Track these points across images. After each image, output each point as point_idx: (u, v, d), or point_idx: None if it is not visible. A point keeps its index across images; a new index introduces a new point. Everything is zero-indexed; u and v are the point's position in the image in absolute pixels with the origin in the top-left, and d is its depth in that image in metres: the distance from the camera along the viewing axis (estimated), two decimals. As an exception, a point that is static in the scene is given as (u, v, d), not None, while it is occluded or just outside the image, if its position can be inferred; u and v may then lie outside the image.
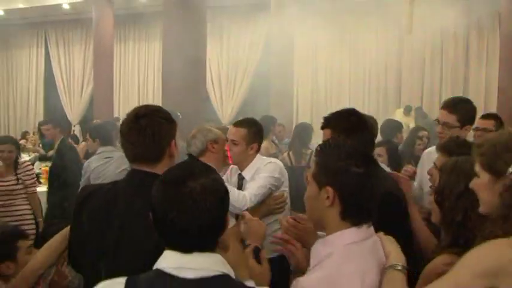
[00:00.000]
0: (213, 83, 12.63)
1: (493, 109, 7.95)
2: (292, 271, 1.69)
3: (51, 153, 8.24)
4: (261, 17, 10.63)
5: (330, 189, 1.36)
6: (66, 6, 12.54)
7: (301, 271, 1.51)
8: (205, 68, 7.08)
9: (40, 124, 9.30)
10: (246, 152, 2.77)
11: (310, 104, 11.71)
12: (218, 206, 1.24)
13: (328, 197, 1.37)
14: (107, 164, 4.18)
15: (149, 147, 1.68)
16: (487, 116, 3.33)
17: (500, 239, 1.25)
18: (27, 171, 4.31)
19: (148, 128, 1.68)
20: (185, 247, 1.22)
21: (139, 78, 13.76)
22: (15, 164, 4.23)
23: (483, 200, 1.39)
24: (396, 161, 3.67)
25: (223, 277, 1.22)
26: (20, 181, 4.21)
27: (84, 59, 14.10)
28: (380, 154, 3.67)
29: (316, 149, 1.49)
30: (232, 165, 2.92)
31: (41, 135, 8.85)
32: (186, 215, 1.19)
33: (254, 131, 2.82)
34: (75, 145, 9.58)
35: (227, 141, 2.77)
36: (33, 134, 10.54)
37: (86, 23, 12.81)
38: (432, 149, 3.10)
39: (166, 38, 6.91)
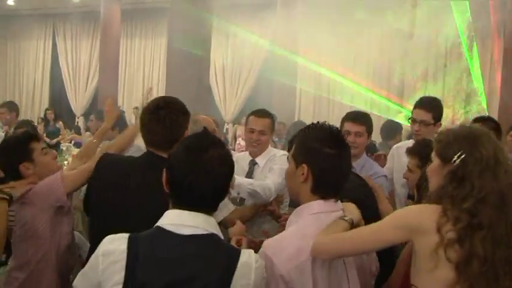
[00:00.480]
0: (217, 81, 12.71)
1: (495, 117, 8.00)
2: None
3: (55, 141, 8.38)
4: (267, 16, 10.69)
5: (304, 166, 1.55)
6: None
7: None
8: (209, 65, 7.13)
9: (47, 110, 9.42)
10: (269, 141, 2.99)
11: (312, 102, 11.76)
12: (229, 173, 1.45)
13: (303, 174, 1.55)
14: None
15: (165, 135, 1.92)
16: (481, 120, 3.30)
17: (424, 206, 1.48)
18: None
19: (166, 119, 1.93)
20: (195, 206, 1.40)
21: (144, 73, 13.84)
22: None
23: (432, 183, 1.55)
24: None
25: (213, 236, 1.41)
26: None
27: (90, 52, 14.23)
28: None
29: (298, 131, 1.65)
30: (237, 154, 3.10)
31: (46, 124, 8.96)
32: (204, 178, 1.38)
33: (273, 120, 3.05)
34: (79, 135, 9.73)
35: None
36: (38, 123, 10.61)
37: (94, 16, 12.91)
38: (403, 143, 3.27)
39: (171, 34, 6.97)
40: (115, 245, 1.38)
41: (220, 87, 12.73)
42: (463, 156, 1.44)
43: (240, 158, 3.01)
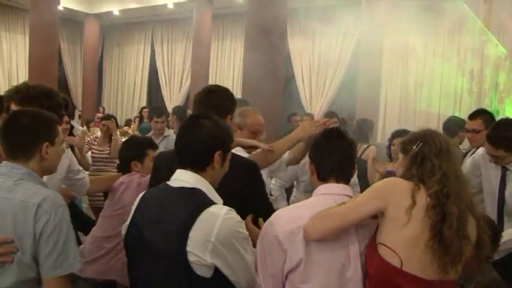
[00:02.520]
0: (303, 80, 12.88)
1: None
2: None
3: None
4: (352, 19, 10.64)
5: (311, 161, 1.91)
6: (170, 6, 13.54)
7: None
8: (283, 65, 7.25)
9: (143, 108, 10.24)
10: None
11: (398, 109, 11.39)
12: (209, 140, 1.71)
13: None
14: None
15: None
16: (473, 116, 3.51)
17: (403, 180, 1.73)
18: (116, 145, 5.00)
19: (214, 101, 2.17)
20: (183, 164, 1.72)
21: (234, 73, 14.38)
22: (110, 137, 5.03)
23: (398, 174, 1.85)
24: None
25: (195, 189, 1.67)
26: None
27: (184, 55, 15.10)
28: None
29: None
30: None
31: (141, 120, 9.73)
32: (189, 142, 1.71)
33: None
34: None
35: None
36: (134, 121, 11.55)
37: (187, 21, 13.70)
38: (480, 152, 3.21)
39: (247, 32, 7.20)
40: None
41: (306, 86, 12.85)
42: (420, 144, 1.75)
43: None
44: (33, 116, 1.79)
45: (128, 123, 12.09)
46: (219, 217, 1.57)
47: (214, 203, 1.63)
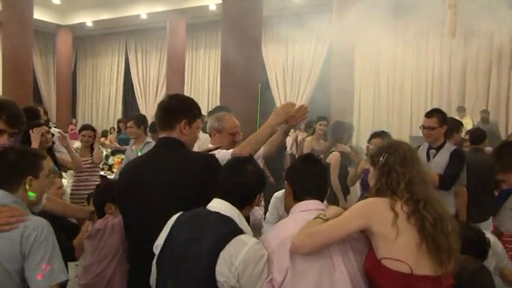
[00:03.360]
0: (278, 87, 13.08)
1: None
2: None
3: (125, 147, 9.08)
4: (324, 25, 10.91)
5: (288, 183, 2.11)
6: (144, 16, 13.59)
7: None
8: (259, 72, 7.42)
9: (119, 121, 10.24)
10: None
11: (371, 110, 11.72)
12: (251, 183, 1.97)
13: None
14: None
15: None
16: (429, 114, 3.83)
17: (380, 198, 1.89)
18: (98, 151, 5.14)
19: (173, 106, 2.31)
20: (225, 198, 1.93)
21: (209, 82, 14.49)
22: (91, 147, 5.08)
23: (371, 185, 2.02)
24: None
25: (228, 217, 1.88)
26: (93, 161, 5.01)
27: (159, 65, 15.16)
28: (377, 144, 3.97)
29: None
30: None
31: (119, 131, 9.73)
32: (235, 181, 1.94)
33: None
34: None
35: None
36: (111, 132, 11.53)
37: (161, 31, 13.78)
38: None
39: (224, 41, 7.33)
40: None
41: (281, 92, 13.05)
42: (385, 155, 1.93)
43: None
44: (19, 153, 1.99)
45: (105, 134, 12.06)
46: (247, 245, 1.78)
47: (240, 229, 1.86)
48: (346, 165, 4.94)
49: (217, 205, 1.91)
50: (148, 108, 15.25)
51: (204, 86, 14.57)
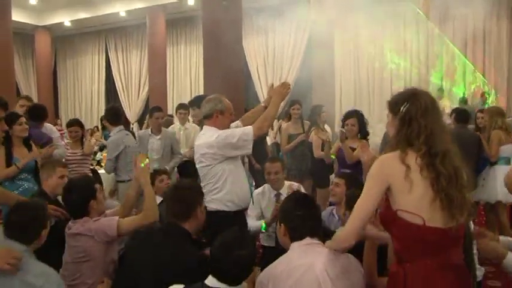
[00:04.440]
0: (259, 79, 13.20)
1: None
2: None
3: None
4: (303, 13, 11.07)
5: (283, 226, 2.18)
6: (123, 14, 13.55)
7: None
8: (241, 62, 7.56)
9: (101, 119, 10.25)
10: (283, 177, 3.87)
11: (353, 95, 11.95)
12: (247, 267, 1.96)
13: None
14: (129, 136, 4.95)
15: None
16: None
17: (388, 154, 1.89)
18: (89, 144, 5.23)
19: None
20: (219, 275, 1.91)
21: (191, 77, 14.54)
22: (81, 141, 5.17)
23: (390, 133, 2.02)
24: (365, 128, 4.63)
25: None
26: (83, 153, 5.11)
27: (140, 62, 15.14)
28: (353, 124, 4.31)
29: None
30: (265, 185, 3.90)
31: (103, 128, 9.75)
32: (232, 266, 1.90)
33: (283, 162, 4.06)
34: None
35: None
36: (97, 130, 11.53)
37: (141, 28, 13.77)
38: None
39: (205, 34, 7.42)
40: None
41: (263, 82, 13.16)
42: (407, 105, 1.85)
43: (266, 190, 3.87)
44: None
45: (91, 132, 12.03)
46: None
47: None
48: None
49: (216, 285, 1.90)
50: (131, 105, 15.24)
51: (186, 81, 14.62)
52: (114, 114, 4.97)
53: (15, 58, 15.28)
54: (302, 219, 2.10)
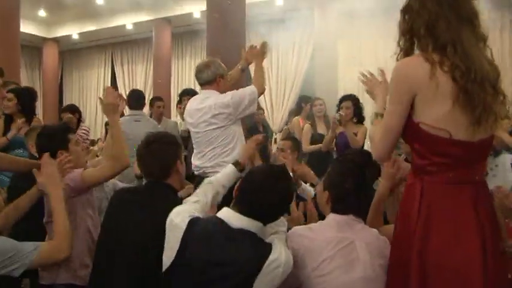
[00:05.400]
0: (264, 94, 13.17)
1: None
2: None
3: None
4: (306, 31, 11.13)
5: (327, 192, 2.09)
6: (129, 27, 13.71)
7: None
8: (245, 74, 7.60)
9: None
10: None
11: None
12: (276, 200, 1.87)
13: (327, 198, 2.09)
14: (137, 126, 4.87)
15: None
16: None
17: (404, 59, 1.84)
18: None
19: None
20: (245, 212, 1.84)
21: (196, 89, 14.55)
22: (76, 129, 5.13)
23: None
24: (360, 113, 4.70)
25: (251, 233, 1.80)
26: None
27: (145, 75, 15.25)
28: (348, 107, 4.32)
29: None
30: None
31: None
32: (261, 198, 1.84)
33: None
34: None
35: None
36: (97, 142, 11.56)
37: (147, 41, 13.90)
38: None
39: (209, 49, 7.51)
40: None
41: (267, 97, 13.16)
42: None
43: None
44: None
45: (92, 144, 12.06)
46: (280, 266, 1.73)
47: (270, 246, 1.79)
48: None
49: (239, 222, 1.80)
50: (135, 118, 15.26)
51: (190, 95, 14.64)
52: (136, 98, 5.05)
53: (22, 70, 15.53)
54: (355, 195, 1.99)
